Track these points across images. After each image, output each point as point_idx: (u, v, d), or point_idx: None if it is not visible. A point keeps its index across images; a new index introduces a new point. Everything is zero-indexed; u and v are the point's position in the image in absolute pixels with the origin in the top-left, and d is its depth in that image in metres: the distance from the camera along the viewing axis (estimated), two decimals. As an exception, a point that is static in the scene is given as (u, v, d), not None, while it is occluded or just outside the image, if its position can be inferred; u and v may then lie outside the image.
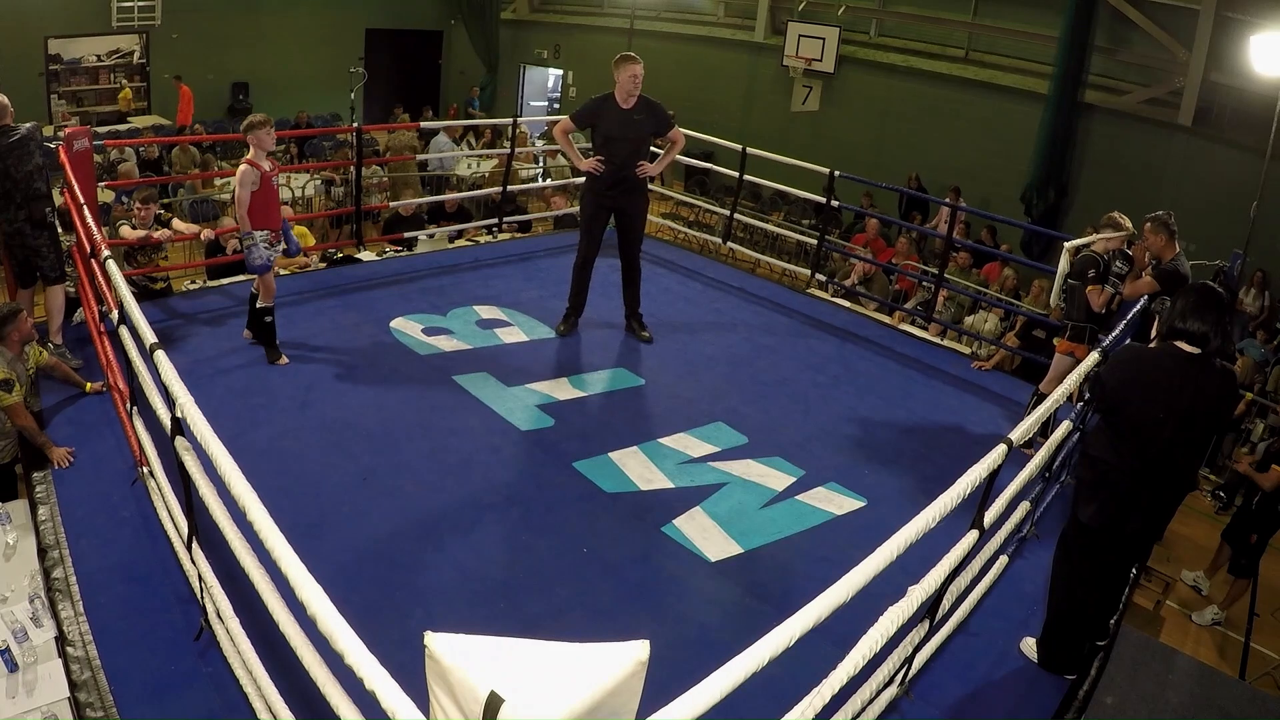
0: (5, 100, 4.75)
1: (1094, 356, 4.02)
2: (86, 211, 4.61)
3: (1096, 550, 3.27)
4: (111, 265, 3.87)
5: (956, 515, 2.69)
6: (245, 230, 4.83)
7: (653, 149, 6.15)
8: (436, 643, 1.50)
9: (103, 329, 4.78)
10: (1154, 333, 3.26)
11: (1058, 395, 3.52)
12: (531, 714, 1.37)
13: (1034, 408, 5.04)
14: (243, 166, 4.80)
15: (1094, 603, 3.39)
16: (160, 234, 5.72)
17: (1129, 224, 4.90)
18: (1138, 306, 4.85)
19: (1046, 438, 3.94)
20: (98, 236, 4.41)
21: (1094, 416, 3.31)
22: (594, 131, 5.68)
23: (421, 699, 1.58)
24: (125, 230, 5.70)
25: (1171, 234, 4.74)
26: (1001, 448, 2.92)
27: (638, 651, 1.52)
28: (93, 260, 4.55)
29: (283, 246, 5.07)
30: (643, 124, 5.58)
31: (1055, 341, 5.18)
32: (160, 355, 3.00)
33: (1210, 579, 6.60)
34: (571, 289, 6.00)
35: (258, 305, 5.12)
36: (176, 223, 6.08)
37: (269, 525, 2.13)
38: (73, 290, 5.44)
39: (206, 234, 6.28)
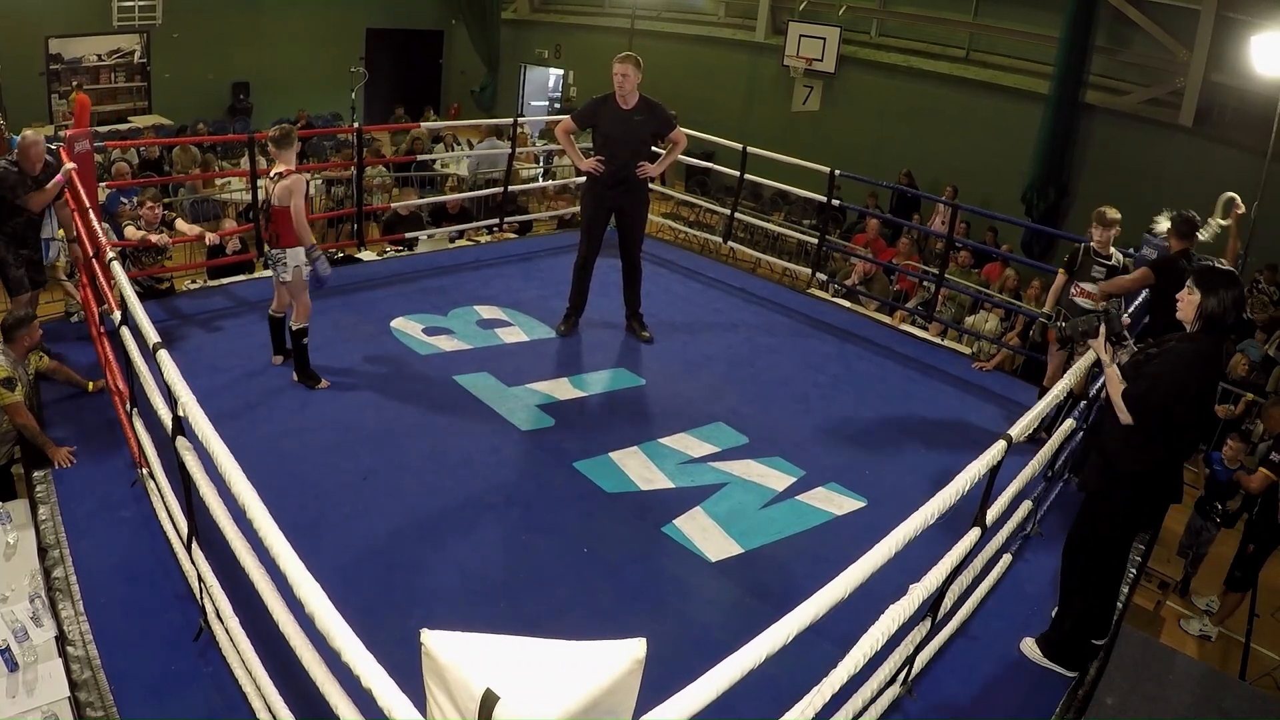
0: None
1: (1091, 356, 4.01)
2: (91, 214, 4.61)
3: (1129, 543, 3.34)
4: (116, 266, 3.87)
5: (959, 513, 2.69)
6: (309, 243, 4.66)
7: (656, 149, 6.12)
8: (433, 640, 1.50)
9: (103, 330, 4.78)
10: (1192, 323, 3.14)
11: (1058, 391, 3.52)
12: (526, 712, 1.36)
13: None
14: (296, 175, 4.60)
15: (1116, 591, 3.45)
16: (158, 238, 5.67)
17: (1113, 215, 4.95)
18: (1138, 301, 4.86)
19: (1050, 433, 3.96)
20: (101, 238, 4.41)
21: (1125, 433, 3.24)
22: (594, 131, 5.66)
23: (421, 698, 1.58)
24: (130, 231, 5.71)
25: (1181, 235, 4.78)
26: (1001, 444, 2.92)
27: (634, 650, 1.51)
28: (95, 261, 4.56)
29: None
30: (643, 124, 5.56)
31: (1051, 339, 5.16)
32: (163, 355, 3.00)
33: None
34: (572, 289, 5.99)
35: (294, 327, 4.84)
36: (179, 223, 6.08)
37: (269, 524, 2.13)
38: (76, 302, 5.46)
39: (211, 238, 6.23)
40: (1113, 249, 5.00)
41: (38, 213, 4.91)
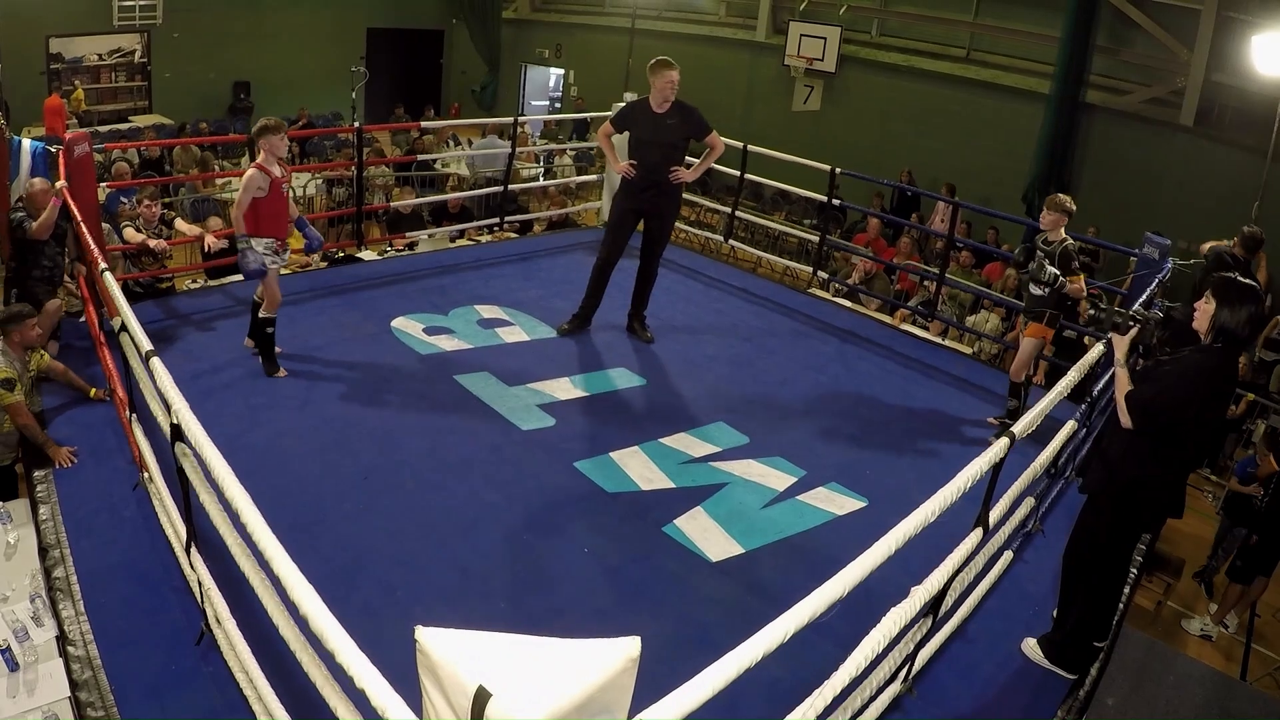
0: None
1: (1098, 351, 4.02)
2: (86, 230, 4.61)
3: (1131, 547, 3.32)
4: (109, 278, 3.86)
5: (961, 513, 2.69)
6: (240, 233, 4.71)
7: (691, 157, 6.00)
8: (427, 637, 1.50)
9: (103, 333, 4.78)
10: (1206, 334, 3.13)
11: (1060, 389, 3.51)
12: (519, 709, 1.36)
13: (1012, 395, 5.13)
14: (251, 170, 4.67)
15: (1117, 596, 3.43)
16: (155, 244, 5.62)
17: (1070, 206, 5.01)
18: (1139, 300, 4.88)
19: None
20: (95, 252, 4.40)
21: (1129, 438, 3.23)
22: (629, 135, 5.66)
23: (419, 696, 1.58)
24: (130, 233, 5.69)
25: (1247, 249, 4.91)
26: (1004, 441, 2.91)
27: (629, 648, 1.51)
28: (91, 269, 4.56)
29: (289, 254, 5.00)
30: (675, 128, 5.51)
31: (1027, 324, 5.16)
32: (156, 362, 3.00)
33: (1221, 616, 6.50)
34: (587, 290, 5.91)
35: (260, 315, 4.95)
36: (179, 223, 6.06)
37: (263, 528, 2.12)
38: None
39: (210, 241, 6.16)
40: (1064, 233, 4.98)
41: (46, 238, 4.94)
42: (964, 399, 5.80)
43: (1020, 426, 3.08)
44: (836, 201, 7.52)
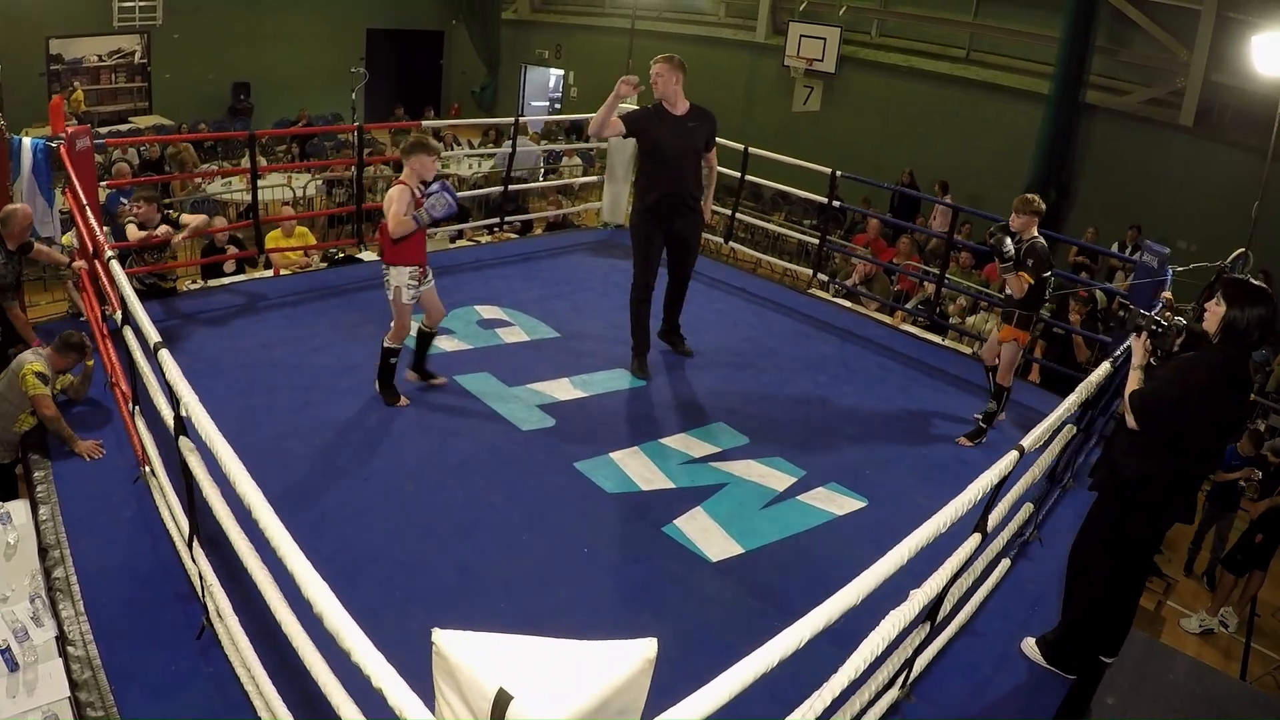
0: None
1: (1104, 371, 4.00)
2: (89, 212, 4.61)
3: (1140, 556, 3.32)
4: (115, 266, 3.86)
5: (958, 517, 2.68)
6: (413, 214, 4.37)
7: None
8: (444, 640, 1.50)
9: (105, 330, 4.78)
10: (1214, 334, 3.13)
11: (1070, 404, 3.50)
12: (540, 711, 1.36)
13: (995, 397, 5.13)
14: (398, 186, 4.42)
15: (1122, 604, 3.40)
16: (164, 230, 5.59)
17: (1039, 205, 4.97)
18: (1154, 309, 4.89)
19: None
20: (100, 237, 4.41)
21: (1131, 436, 3.23)
22: (642, 141, 5.25)
23: (424, 699, 1.58)
24: (132, 230, 5.68)
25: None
26: (1012, 454, 2.90)
27: (646, 649, 1.51)
28: (96, 261, 4.56)
29: (430, 280, 4.72)
30: (695, 132, 5.14)
31: (1001, 327, 5.19)
32: (164, 355, 3.00)
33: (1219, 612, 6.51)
34: (633, 325, 5.44)
35: (385, 343, 4.70)
36: (185, 217, 6.01)
37: (275, 524, 2.12)
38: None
39: (218, 232, 6.11)
40: (1035, 232, 4.95)
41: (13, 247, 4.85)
42: (964, 399, 5.80)
43: (1030, 440, 3.07)
44: (837, 204, 7.53)
